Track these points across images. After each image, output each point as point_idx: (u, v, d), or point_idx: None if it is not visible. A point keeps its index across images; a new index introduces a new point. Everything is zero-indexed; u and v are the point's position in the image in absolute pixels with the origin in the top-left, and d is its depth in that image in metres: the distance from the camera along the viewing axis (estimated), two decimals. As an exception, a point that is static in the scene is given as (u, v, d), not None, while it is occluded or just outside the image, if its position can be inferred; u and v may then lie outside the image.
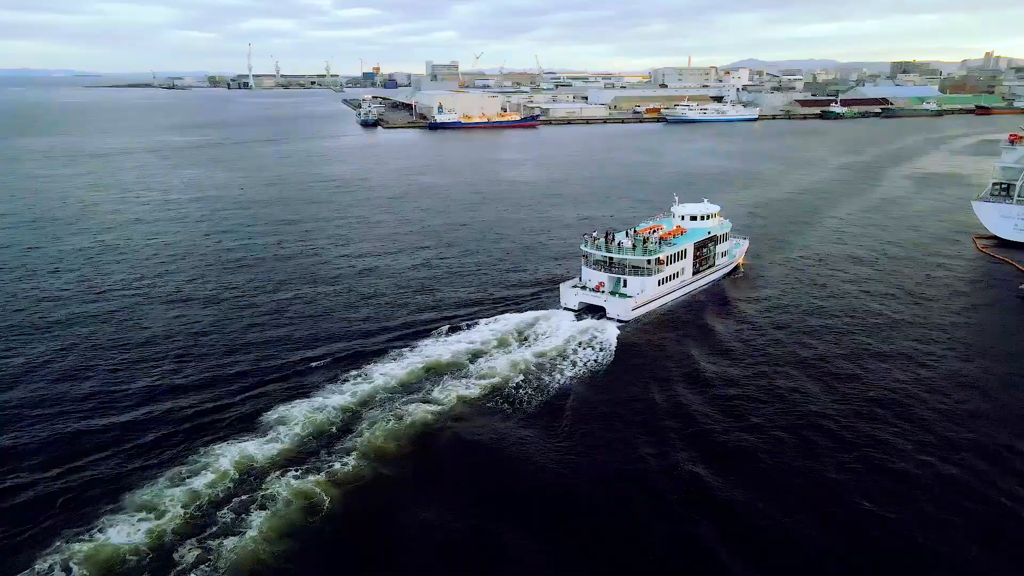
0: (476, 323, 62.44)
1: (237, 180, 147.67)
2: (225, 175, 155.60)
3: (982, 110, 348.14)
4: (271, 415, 46.46)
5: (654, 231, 70.84)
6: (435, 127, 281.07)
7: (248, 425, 45.69)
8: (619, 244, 66.67)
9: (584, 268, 67.53)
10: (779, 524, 36.63)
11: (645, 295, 64.53)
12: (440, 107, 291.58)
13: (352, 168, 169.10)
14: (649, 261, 65.18)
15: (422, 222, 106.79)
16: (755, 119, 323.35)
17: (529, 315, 64.24)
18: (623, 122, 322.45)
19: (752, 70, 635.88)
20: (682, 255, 68.99)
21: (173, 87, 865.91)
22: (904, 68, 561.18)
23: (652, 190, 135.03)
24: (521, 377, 52.30)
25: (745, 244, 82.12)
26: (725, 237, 76.58)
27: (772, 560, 34.37)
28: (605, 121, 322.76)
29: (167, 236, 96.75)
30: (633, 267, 65.23)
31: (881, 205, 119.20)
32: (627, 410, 48.18)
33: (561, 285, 67.32)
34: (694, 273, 71.31)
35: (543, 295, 70.67)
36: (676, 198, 79.00)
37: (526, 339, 59.41)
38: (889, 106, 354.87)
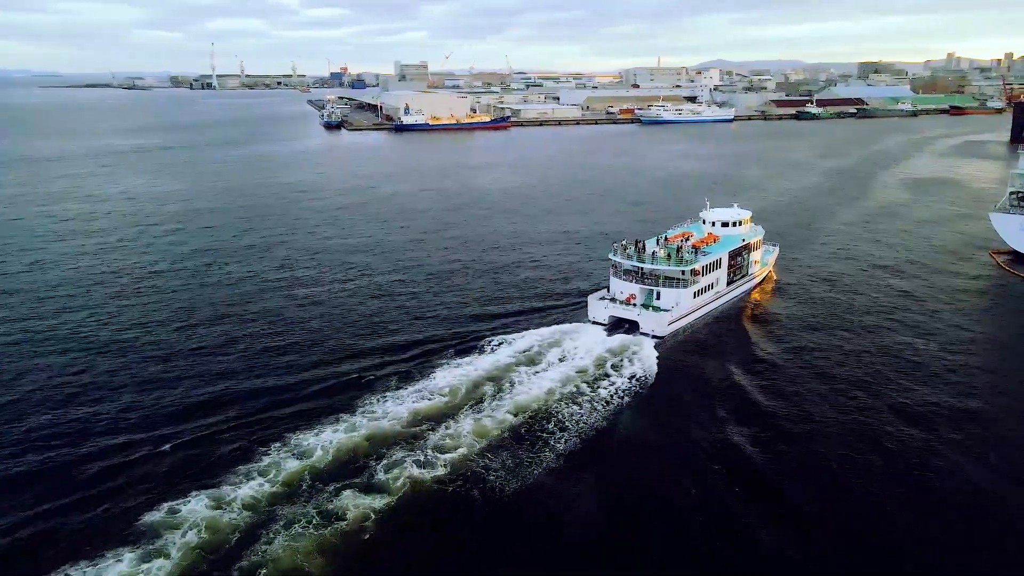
0: (480, 347, 55.76)
1: (178, 191, 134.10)
2: (168, 185, 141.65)
3: (956, 110, 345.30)
4: (156, 514, 35.31)
5: (686, 238, 65.86)
6: (401, 129, 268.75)
7: (125, 530, 34.43)
8: (652, 254, 61.58)
9: (613, 279, 62.70)
10: None
11: (680, 308, 59.60)
12: (407, 108, 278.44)
13: (307, 176, 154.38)
14: (684, 272, 59.92)
15: (385, 238, 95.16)
16: (731, 120, 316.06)
17: (548, 331, 58.45)
18: (596, 123, 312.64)
19: (722, 70, 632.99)
20: (717, 265, 63.88)
21: (133, 87, 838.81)
22: (875, 68, 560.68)
23: (643, 194, 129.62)
24: (543, 413, 45.27)
25: (775, 251, 75.76)
26: (758, 244, 71.35)
27: None
28: (578, 122, 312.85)
29: (81, 259, 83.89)
30: (667, 278, 60.25)
31: (882, 213, 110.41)
32: (690, 462, 40.52)
33: (589, 297, 62.52)
34: (728, 283, 65.93)
35: (559, 310, 64.69)
36: (707, 203, 72.81)
37: (552, 360, 53.04)
38: (864, 106, 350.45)
